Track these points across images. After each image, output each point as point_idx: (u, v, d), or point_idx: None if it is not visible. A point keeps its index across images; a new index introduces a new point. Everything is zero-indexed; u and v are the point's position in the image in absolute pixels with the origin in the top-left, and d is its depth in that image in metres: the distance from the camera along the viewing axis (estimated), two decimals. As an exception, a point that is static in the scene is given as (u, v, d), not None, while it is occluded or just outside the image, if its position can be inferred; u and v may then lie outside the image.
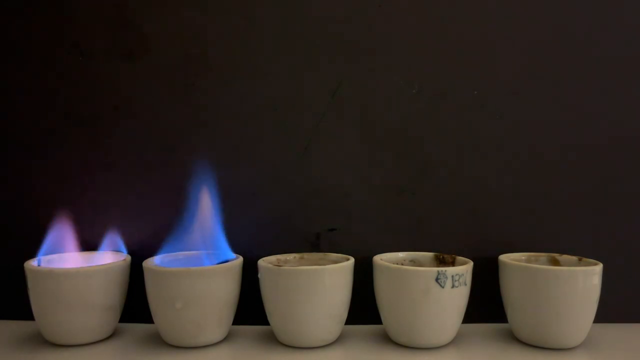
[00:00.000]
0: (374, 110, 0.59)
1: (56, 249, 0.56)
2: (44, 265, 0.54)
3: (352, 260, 0.54)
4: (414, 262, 0.58)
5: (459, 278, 0.51)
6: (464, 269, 0.52)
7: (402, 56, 0.59)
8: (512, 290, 0.54)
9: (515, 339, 0.55)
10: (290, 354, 0.51)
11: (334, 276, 0.51)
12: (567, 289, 0.51)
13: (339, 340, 0.54)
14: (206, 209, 0.57)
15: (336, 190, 0.59)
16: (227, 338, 0.55)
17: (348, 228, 0.59)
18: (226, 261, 0.54)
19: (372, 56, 0.58)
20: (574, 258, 0.56)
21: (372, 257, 0.56)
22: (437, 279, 0.50)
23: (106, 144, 0.59)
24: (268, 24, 0.58)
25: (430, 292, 0.50)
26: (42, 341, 0.53)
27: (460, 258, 0.55)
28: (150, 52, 0.58)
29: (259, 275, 0.53)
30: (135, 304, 0.56)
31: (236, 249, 0.57)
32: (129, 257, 0.56)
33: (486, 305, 0.58)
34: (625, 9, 0.59)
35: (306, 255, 0.58)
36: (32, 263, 0.53)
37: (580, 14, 0.59)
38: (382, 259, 0.55)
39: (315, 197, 0.59)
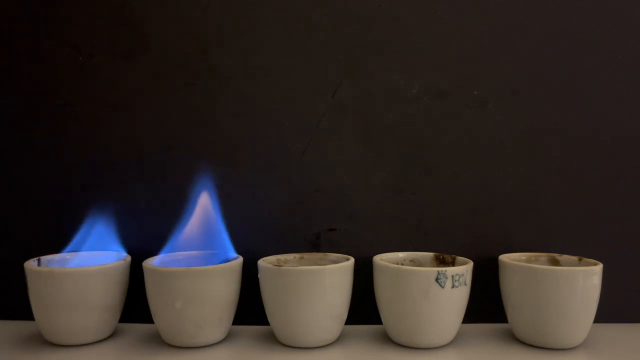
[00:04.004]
0: (374, 110, 0.59)
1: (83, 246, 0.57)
2: (44, 265, 0.54)
3: (352, 260, 0.54)
4: (414, 262, 0.58)
5: (459, 278, 0.51)
6: (464, 269, 0.52)
7: (402, 56, 0.59)
8: (512, 290, 0.54)
9: (515, 339, 0.55)
10: (290, 354, 0.51)
11: (334, 276, 0.51)
12: (567, 289, 0.51)
13: (339, 340, 0.54)
14: (207, 208, 0.57)
15: (336, 190, 0.59)
16: (227, 338, 0.55)
17: (348, 228, 0.59)
18: (227, 260, 0.54)
19: (372, 56, 0.58)
20: (574, 258, 0.56)
21: (372, 257, 0.56)
22: (437, 279, 0.50)
23: (106, 144, 0.59)
24: (268, 24, 0.58)
25: (430, 292, 0.50)
26: (42, 341, 0.53)
27: (460, 258, 0.55)
28: (150, 52, 0.58)
29: (259, 275, 0.53)
30: (135, 304, 0.56)
31: (236, 249, 0.57)
32: (129, 257, 0.56)
33: (486, 305, 0.58)
34: (626, 8, 0.59)
35: (306, 255, 0.58)
36: (32, 263, 0.53)
37: (581, 13, 0.59)
38: (382, 259, 0.55)
39: (315, 197, 0.59)
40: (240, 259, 0.55)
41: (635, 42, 0.59)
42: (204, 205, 0.57)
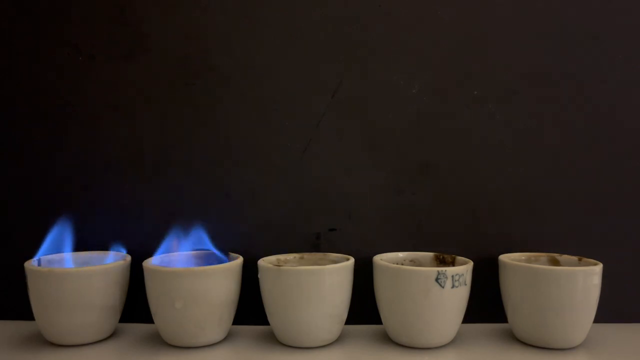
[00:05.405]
0: (373, 110, 0.59)
1: (56, 249, 0.56)
2: (44, 265, 0.54)
3: (352, 260, 0.54)
4: (414, 262, 0.58)
5: (459, 278, 0.51)
6: (464, 269, 0.52)
7: (402, 56, 0.59)
8: (512, 290, 0.54)
9: (515, 339, 0.55)
10: (290, 354, 0.51)
11: (334, 276, 0.51)
12: (567, 289, 0.51)
13: (339, 340, 0.54)
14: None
15: (336, 190, 0.59)
16: (227, 338, 0.55)
17: (348, 228, 0.59)
18: (219, 255, 0.55)
19: (372, 56, 0.58)
20: (574, 258, 0.56)
21: (372, 257, 0.56)
22: (437, 279, 0.50)
23: (106, 144, 0.59)
24: (268, 24, 0.58)
25: (430, 292, 0.50)
26: (42, 341, 0.53)
27: (460, 258, 0.55)
28: (150, 52, 0.58)
29: (259, 275, 0.53)
30: (135, 304, 0.56)
31: (236, 249, 0.57)
32: (129, 257, 0.56)
33: (486, 305, 0.58)
34: (626, 8, 0.59)
35: (306, 255, 0.58)
36: (32, 263, 0.53)
37: (581, 13, 0.59)
38: (382, 259, 0.55)
39: (315, 197, 0.59)
40: (240, 259, 0.55)
41: (635, 42, 0.59)
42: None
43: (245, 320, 0.57)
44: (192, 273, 0.50)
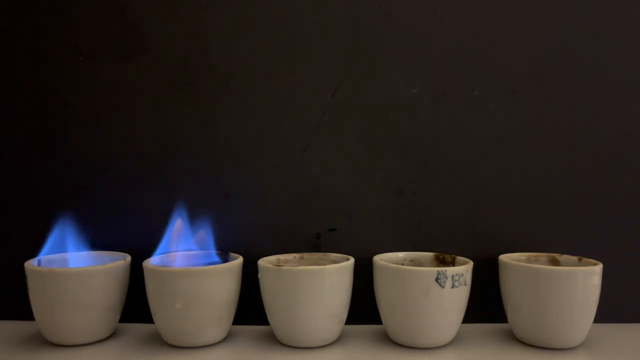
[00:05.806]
0: (374, 110, 0.59)
1: (57, 250, 0.56)
2: (44, 265, 0.54)
3: (352, 260, 0.54)
4: (414, 262, 0.58)
5: (459, 278, 0.51)
6: (464, 269, 0.52)
7: (402, 56, 0.59)
8: (512, 290, 0.54)
9: (515, 339, 0.55)
10: (290, 354, 0.51)
11: (334, 276, 0.51)
12: (567, 289, 0.51)
13: (339, 340, 0.54)
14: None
15: (336, 190, 0.59)
16: (227, 338, 0.55)
17: (348, 228, 0.59)
18: (221, 255, 0.55)
19: (372, 56, 0.58)
20: (574, 258, 0.56)
21: (372, 257, 0.56)
22: (437, 279, 0.50)
23: (106, 144, 0.59)
24: (268, 24, 0.58)
25: (430, 292, 0.50)
26: (42, 341, 0.53)
27: (460, 258, 0.55)
28: (150, 52, 0.58)
29: (259, 275, 0.53)
30: (135, 304, 0.56)
31: (236, 249, 0.57)
32: (129, 257, 0.56)
33: (486, 305, 0.58)
34: (626, 8, 0.59)
35: (306, 255, 0.58)
36: (32, 263, 0.53)
37: (581, 13, 0.59)
38: (382, 259, 0.55)
39: (315, 197, 0.59)
40: (240, 259, 0.55)
41: (636, 42, 0.59)
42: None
43: (245, 320, 0.57)
44: (192, 273, 0.50)
